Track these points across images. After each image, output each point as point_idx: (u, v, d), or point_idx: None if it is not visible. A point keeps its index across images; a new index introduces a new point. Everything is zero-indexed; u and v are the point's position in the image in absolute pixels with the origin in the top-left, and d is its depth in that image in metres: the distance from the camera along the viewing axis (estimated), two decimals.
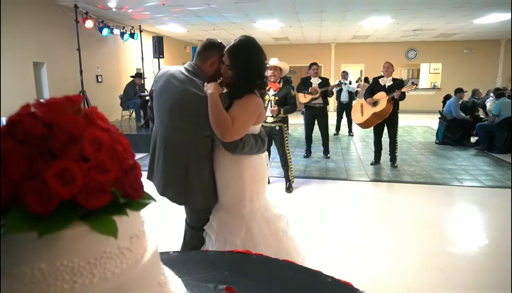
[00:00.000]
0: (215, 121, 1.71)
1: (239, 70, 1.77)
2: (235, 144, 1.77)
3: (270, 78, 4.23)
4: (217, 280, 1.06)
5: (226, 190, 1.87)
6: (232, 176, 1.85)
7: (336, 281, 1.08)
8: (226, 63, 1.80)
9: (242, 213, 1.86)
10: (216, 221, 1.87)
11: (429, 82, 15.16)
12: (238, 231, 1.84)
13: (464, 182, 4.90)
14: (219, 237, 1.86)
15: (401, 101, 5.34)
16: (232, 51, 1.79)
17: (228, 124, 1.70)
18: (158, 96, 1.89)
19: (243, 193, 1.85)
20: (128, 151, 0.60)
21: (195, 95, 1.75)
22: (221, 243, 1.85)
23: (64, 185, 0.51)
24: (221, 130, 1.71)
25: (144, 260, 0.59)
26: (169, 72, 1.87)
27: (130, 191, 0.59)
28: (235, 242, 1.81)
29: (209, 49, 1.86)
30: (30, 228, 0.48)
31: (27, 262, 0.50)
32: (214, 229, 1.86)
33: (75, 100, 0.59)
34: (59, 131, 0.54)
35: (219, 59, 1.84)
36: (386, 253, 2.94)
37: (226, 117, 1.71)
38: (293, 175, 4.59)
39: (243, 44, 1.82)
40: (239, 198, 1.86)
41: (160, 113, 1.87)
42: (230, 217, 1.87)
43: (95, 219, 0.52)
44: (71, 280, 0.51)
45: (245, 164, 1.87)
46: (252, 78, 1.79)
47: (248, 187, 1.86)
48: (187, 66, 1.87)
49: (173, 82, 1.81)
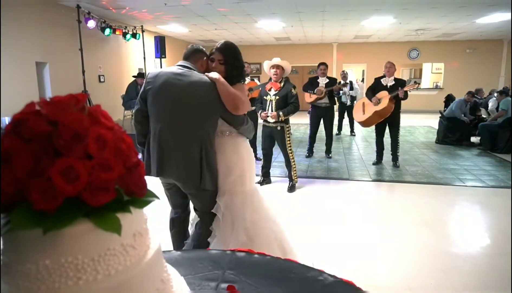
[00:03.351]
0: (230, 96, 2.00)
1: (232, 63, 2.12)
2: (241, 119, 2.11)
3: (273, 77, 4.25)
4: (219, 279, 1.06)
5: (229, 172, 2.11)
6: (232, 159, 2.12)
7: (338, 280, 1.08)
8: (218, 59, 2.12)
9: (245, 192, 2.14)
10: (223, 203, 2.10)
11: (431, 82, 15.11)
12: (244, 210, 2.09)
13: (467, 182, 4.89)
14: (226, 218, 2.09)
15: (403, 100, 5.33)
16: (225, 49, 2.15)
17: (239, 97, 2.02)
18: (158, 95, 2.00)
19: (244, 173, 2.14)
20: (132, 149, 0.60)
21: (203, 81, 2.00)
22: (228, 223, 2.09)
23: (68, 183, 0.51)
24: (236, 103, 2.01)
25: (147, 257, 0.60)
26: (165, 71, 2.05)
27: (134, 189, 0.59)
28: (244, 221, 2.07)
29: (197, 53, 2.16)
30: (35, 225, 0.49)
31: (32, 258, 0.51)
32: (221, 210, 2.09)
33: (79, 98, 0.59)
34: (64, 130, 0.54)
35: (206, 61, 2.17)
36: (388, 252, 2.94)
37: (237, 93, 2.03)
38: (296, 175, 4.59)
39: (231, 44, 2.20)
40: (240, 179, 2.13)
41: (167, 109, 1.99)
42: (234, 197, 2.11)
43: (99, 216, 0.53)
44: (75, 276, 0.51)
45: (242, 147, 2.20)
46: (240, 70, 2.17)
47: (247, 167, 2.17)
48: (182, 64, 2.09)
49: (176, 78, 2.00)
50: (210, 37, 11.56)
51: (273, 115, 4.24)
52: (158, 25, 9.69)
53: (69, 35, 7.22)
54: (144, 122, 2.08)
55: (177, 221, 2.36)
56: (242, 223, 2.06)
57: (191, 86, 1.97)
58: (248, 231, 2.07)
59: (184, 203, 2.32)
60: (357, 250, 2.98)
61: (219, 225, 2.09)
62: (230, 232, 2.07)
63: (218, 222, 2.10)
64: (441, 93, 12.61)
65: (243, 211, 2.08)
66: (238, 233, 2.05)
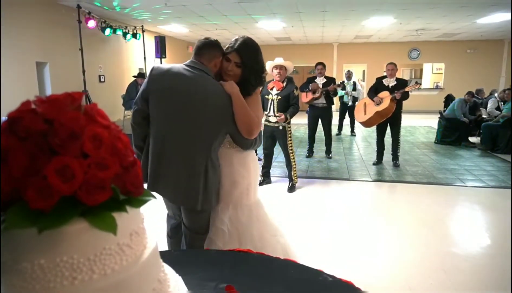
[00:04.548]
0: (244, 119, 1.74)
1: (251, 67, 1.81)
2: (251, 141, 1.85)
3: (275, 77, 4.25)
4: (218, 279, 1.06)
5: (235, 185, 1.91)
6: (240, 172, 1.91)
7: (337, 281, 1.08)
8: (235, 61, 1.81)
9: (250, 205, 1.94)
10: (227, 217, 1.90)
11: (432, 82, 15.10)
12: (250, 223, 1.91)
13: (467, 182, 4.88)
14: (231, 233, 1.89)
15: (404, 101, 5.33)
16: (244, 49, 1.82)
17: (256, 121, 1.77)
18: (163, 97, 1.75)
19: (250, 185, 1.94)
20: (128, 148, 0.60)
21: (218, 92, 1.73)
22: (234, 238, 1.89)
23: (64, 181, 0.51)
24: (250, 127, 1.76)
25: (144, 257, 0.59)
26: (173, 70, 1.76)
27: (130, 188, 0.59)
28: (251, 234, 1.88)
29: (213, 49, 1.82)
30: (30, 224, 0.48)
31: (27, 258, 0.50)
32: (227, 224, 1.89)
33: (76, 97, 0.59)
34: (60, 128, 0.54)
35: (221, 60, 1.85)
36: (389, 253, 2.93)
37: (253, 115, 1.76)
38: (296, 175, 4.58)
39: (252, 43, 1.87)
40: (246, 192, 1.93)
41: (171, 115, 1.74)
42: (239, 211, 1.92)
43: (95, 215, 0.52)
44: (70, 276, 0.51)
45: (249, 158, 1.97)
46: (260, 75, 1.86)
47: (253, 179, 1.97)
48: (192, 64, 1.78)
49: (185, 81, 1.72)
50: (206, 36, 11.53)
51: (282, 118, 4.23)
52: (158, 25, 9.69)
53: (69, 35, 7.21)
54: (144, 124, 1.81)
55: (176, 228, 2.06)
56: (250, 241, 1.86)
57: (203, 95, 1.70)
58: (256, 248, 1.86)
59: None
60: (357, 250, 2.98)
61: (226, 241, 1.88)
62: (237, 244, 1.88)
63: (224, 238, 1.88)
64: (441, 93, 12.58)
65: (250, 226, 1.90)
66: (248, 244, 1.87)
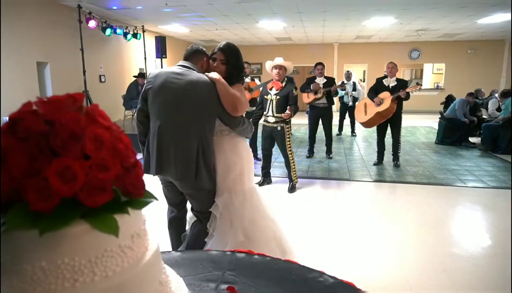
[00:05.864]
0: (228, 97, 2.03)
1: (234, 63, 2.17)
2: (238, 120, 2.13)
3: (274, 77, 4.25)
4: (219, 280, 1.06)
5: (228, 171, 2.14)
6: (232, 159, 2.15)
7: (339, 281, 1.08)
8: (220, 58, 2.16)
9: (243, 191, 2.16)
10: (221, 202, 2.11)
11: (432, 83, 15.09)
12: (242, 209, 2.12)
13: (468, 182, 4.87)
14: (224, 218, 2.10)
15: (405, 101, 5.32)
16: (227, 49, 2.19)
17: (239, 98, 2.05)
18: (158, 94, 2.03)
19: (242, 172, 2.17)
20: (130, 149, 0.59)
21: (202, 80, 2.02)
22: (226, 223, 2.09)
23: (65, 183, 0.51)
24: (234, 104, 2.04)
25: (146, 258, 0.59)
26: (165, 71, 2.09)
27: (132, 189, 0.58)
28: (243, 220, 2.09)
29: (198, 53, 2.19)
30: (31, 226, 0.48)
31: (28, 260, 0.50)
32: (219, 209, 2.10)
33: (77, 98, 0.59)
34: (61, 129, 0.53)
35: (206, 61, 2.20)
36: (389, 253, 2.93)
37: (236, 94, 2.06)
38: (296, 176, 4.57)
39: (233, 45, 2.24)
40: (239, 177, 2.16)
41: (165, 108, 2.01)
42: (233, 196, 2.13)
43: (96, 217, 0.52)
44: (72, 278, 0.50)
45: (241, 146, 2.23)
46: (241, 70, 2.22)
47: (246, 166, 2.20)
48: (182, 64, 2.12)
49: (175, 77, 2.03)
50: (211, 37, 11.55)
51: (287, 114, 4.20)
52: (159, 25, 9.69)
53: (70, 35, 7.22)
54: (146, 122, 2.11)
55: (174, 220, 2.38)
56: (240, 222, 2.08)
57: (189, 85, 2.00)
58: (246, 230, 2.09)
59: (181, 201, 2.33)
60: (358, 250, 2.97)
61: (217, 224, 2.10)
62: (228, 231, 2.08)
63: (216, 222, 2.11)
64: (442, 93, 12.57)
65: (242, 210, 2.11)
66: (236, 232, 2.07)
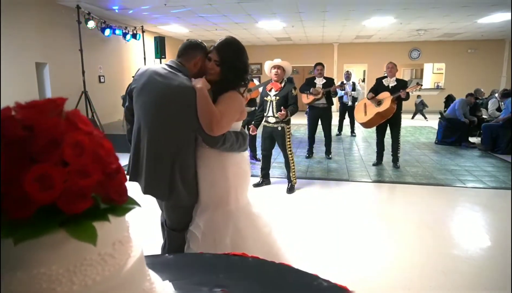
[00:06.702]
0: (205, 114, 1.74)
1: (230, 65, 1.84)
2: (216, 139, 1.81)
3: (273, 77, 4.23)
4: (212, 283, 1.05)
5: (212, 188, 1.88)
6: (216, 174, 1.87)
7: (333, 285, 1.06)
8: (214, 59, 1.85)
9: (229, 211, 1.89)
10: (203, 221, 1.87)
11: (433, 82, 15.06)
12: (226, 229, 1.85)
13: (467, 183, 4.85)
14: (207, 237, 1.85)
15: (405, 101, 5.31)
16: (222, 48, 1.86)
17: (217, 117, 1.74)
18: (139, 94, 1.85)
19: (228, 190, 1.88)
20: (112, 154, 0.58)
21: (182, 87, 1.77)
22: (209, 243, 1.84)
23: (42, 190, 0.49)
24: (210, 123, 1.74)
25: (128, 266, 0.58)
26: (150, 69, 1.87)
27: (114, 196, 0.57)
28: (225, 241, 1.83)
29: (192, 49, 1.90)
30: (6, 235, 0.47)
31: (3, 270, 0.48)
32: (201, 229, 1.86)
33: (58, 102, 0.57)
34: (39, 135, 0.52)
35: (202, 59, 1.90)
36: (388, 254, 2.91)
37: (215, 111, 1.76)
38: (295, 176, 4.56)
39: (232, 41, 1.90)
40: (224, 196, 1.88)
41: (144, 110, 1.84)
42: (216, 215, 1.87)
43: (75, 225, 0.51)
44: (49, 288, 0.49)
45: (229, 162, 1.90)
46: (241, 73, 1.88)
47: (232, 184, 1.89)
48: (170, 63, 1.88)
49: (156, 78, 1.81)
50: (210, 37, 11.53)
51: (282, 114, 4.15)
52: (158, 25, 9.69)
53: (69, 35, 7.21)
54: (133, 120, 1.94)
55: None
56: (224, 247, 1.81)
57: (168, 91, 1.77)
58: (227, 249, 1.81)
59: None
60: (357, 251, 2.96)
61: (199, 245, 1.85)
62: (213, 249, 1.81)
63: (198, 242, 1.86)
64: (442, 93, 12.55)
65: (224, 233, 1.86)
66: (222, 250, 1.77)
